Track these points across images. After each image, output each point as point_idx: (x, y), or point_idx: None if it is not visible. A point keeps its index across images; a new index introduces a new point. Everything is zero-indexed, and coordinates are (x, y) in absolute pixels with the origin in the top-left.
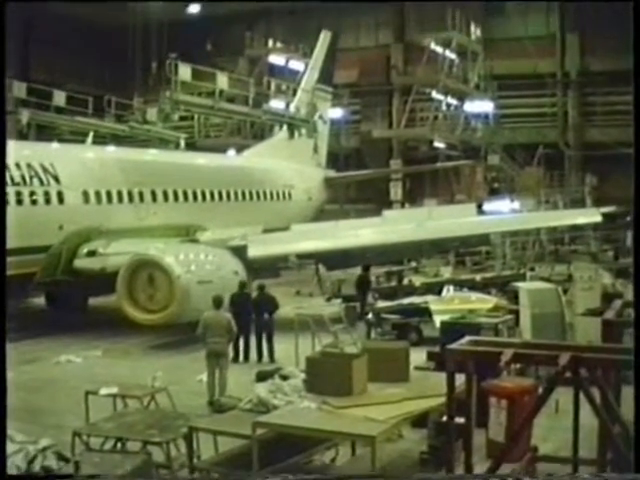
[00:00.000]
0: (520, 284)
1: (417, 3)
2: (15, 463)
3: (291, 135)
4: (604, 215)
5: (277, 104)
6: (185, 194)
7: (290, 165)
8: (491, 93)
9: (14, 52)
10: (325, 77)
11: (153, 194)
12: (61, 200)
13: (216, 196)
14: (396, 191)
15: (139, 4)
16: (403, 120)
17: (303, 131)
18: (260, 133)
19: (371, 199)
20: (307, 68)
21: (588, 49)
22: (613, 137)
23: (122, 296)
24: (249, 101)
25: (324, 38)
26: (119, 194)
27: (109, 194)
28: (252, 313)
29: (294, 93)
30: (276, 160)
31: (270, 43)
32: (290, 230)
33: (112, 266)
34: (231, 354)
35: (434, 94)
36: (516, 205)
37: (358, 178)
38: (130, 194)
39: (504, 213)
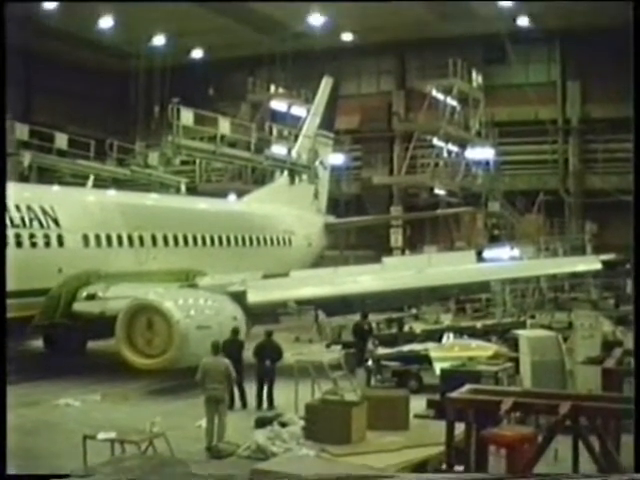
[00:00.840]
0: (520, 332)
1: (418, 51)
2: None
3: (292, 181)
4: (604, 263)
5: (279, 150)
6: (185, 239)
7: (290, 211)
8: (492, 140)
9: (17, 95)
10: (326, 123)
11: (153, 238)
12: (61, 243)
13: (216, 241)
14: (396, 238)
15: (142, 49)
16: (404, 167)
17: (304, 177)
18: (261, 178)
19: (371, 245)
20: (309, 114)
21: (589, 96)
22: (613, 184)
23: (121, 340)
24: (251, 146)
25: (326, 84)
26: (119, 238)
27: (109, 238)
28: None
29: (296, 139)
30: (277, 205)
31: (272, 88)
32: (290, 276)
33: (111, 310)
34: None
35: (435, 141)
36: (516, 252)
37: (358, 224)
38: (130, 238)
39: (504, 260)
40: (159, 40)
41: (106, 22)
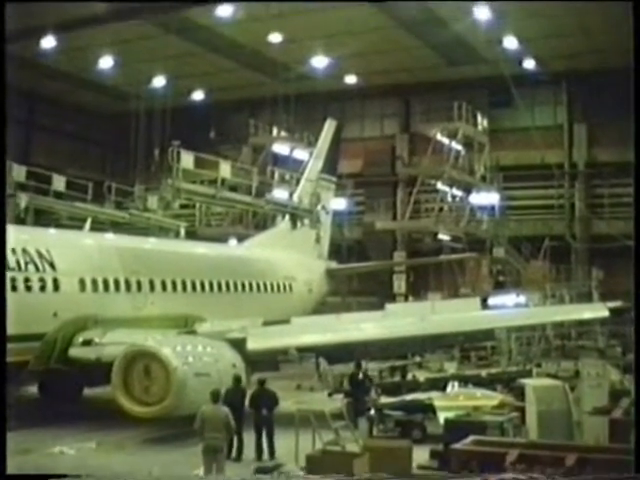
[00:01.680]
0: (526, 380)
1: (423, 94)
2: None
3: (293, 225)
4: (611, 310)
5: (280, 194)
6: (184, 284)
7: (291, 256)
8: (497, 184)
9: (15, 135)
10: (329, 167)
11: (151, 283)
12: (56, 287)
13: (215, 287)
14: (399, 284)
15: (142, 91)
16: (407, 212)
17: (306, 221)
18: (262, 223)
19: (374, 292)
20: (311, 157)
21: (596, 139)
22: (620, 230)
23: (117, 387)
24: (252, 190)
25: (329, 127)
26: (116, 282)
27: (106, 282)
28: (244, 409)
29: (297, 182)
30: (277, 250)
31: (274, 131)
32: (291, 323)
33: (107, 356)
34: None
35: (439, 185)
36: (522, 299)
37: (361, 270)
38: (128, 283)
39: (510, 307)
40: (159, 81)
41: (106, 62)
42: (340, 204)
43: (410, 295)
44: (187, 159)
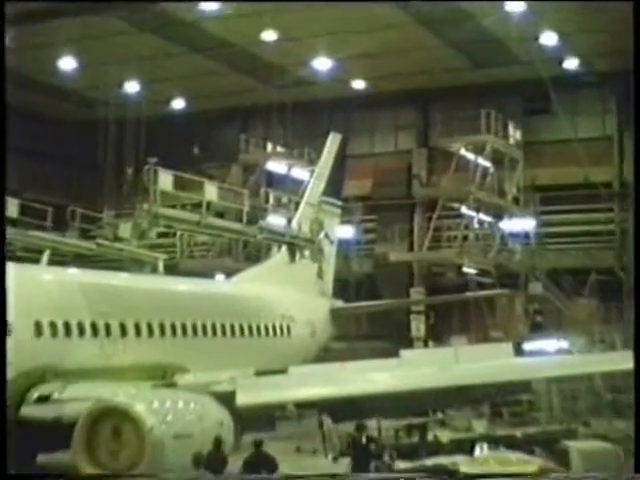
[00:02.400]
0: (571, 443)
1: (444, 102)
2: None
3: (292, 258)
4: None
5: (276, 220)
6: (162, 328)
7: (289, 293)
8: (533, 208)
9: None
10: (333, 188)
11: (122, 327)
12: (7, 331)
13: (200, 331)
14: (417, 326)
15: (111, 97)
16: (426, 241)
17: (306, 253)
18: (255, 254)
19: (387, 336)
20: (312, 177)
21: None
22: None
23: (79, 452)
24: (243, 216)
25: (332, 142)
26: (80, 326)
27: (67, 326)
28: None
29: (296, 207)
30: (273, 287)
31: (269, 147)
32: (288, 373)
33: (69, 415)
34: None
35: (464, 210)
36: (564, 344)
37: (371, 310)
38: (94, 326)
39: (549, 354)
40: (132, 86)
41: (68, 63)
42: (347, 232)
43: (430, 339)
44: (166, 179)
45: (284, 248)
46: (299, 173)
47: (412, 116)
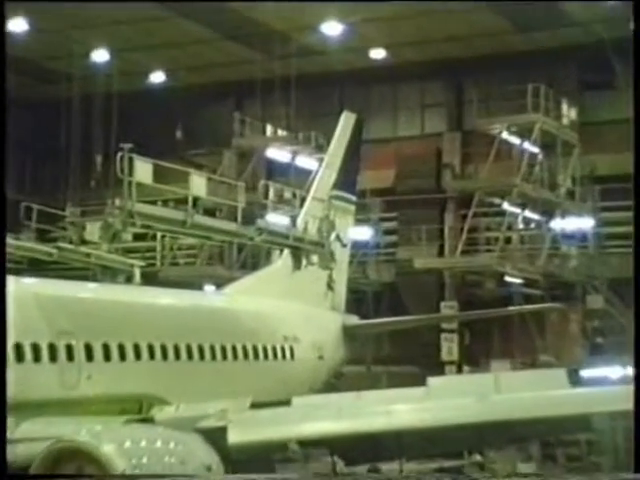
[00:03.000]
0: None
1: (482, 74)
2: None
3: (297, 264)
4: None
5: (278, 219)
6: (137, 350)
7: (293, 308)
8: (591, 203)
9: None
10: (346, 180)
11: (88, 349)
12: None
13: (184, 354)
14: (449, 347)
15: (76, 69)
16: (460, 244)
17: (314, 259)
18: (252, 261)
19: (412, 359)
20: (321, 167)
21: None
22: None
23: None
24: (237, 214)
25: (345, 123)
26: (35, 349)
27: (19, 349)
28: None
29: (302, 203)
30: (273, 300)
31: (269, 130)
32: (292, 405)
33: (22, 457)
34: None
35: (506, 206)
36: (631, 371)
37: (393, 327)
38: (53, 349)
39: (613, 384)
40: (101, 56)
41: (18, 26)
42: (363, 233)
43: (465, 364)
44: (144, 170)
45: (286, 253)
46: (305, 162)
47: (442, 92)
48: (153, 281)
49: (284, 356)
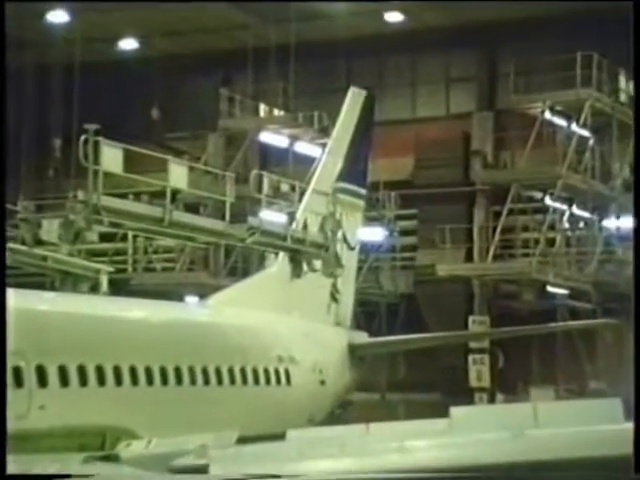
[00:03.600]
0: None
1: (518, 41)
2: None
3: (296, 271)
4: None
5: (273, 216)
6: (101, 373)
7: (290, 322)
8: None
9: None
10: (354, 170)
11: (41, 373)
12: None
13: (157, 377)
14: (479, 371)
15: (29, 32)
16: (492, 247)
17: (317, 264)
18: (242, 267)
19: (434, 385)
20: (324, 153)
21: None
22: None
23: None
24: (225, 211)
25: (353, 101)
26: None
27: None
28: None
29: (302, 197)
30: (266, 314)
31: (262, 109)
32: (286, 439)
33: None
34: None
35: (549, 201)
36: None
37: (411, 347)
38: None
39: None
40: (58, 17)
41: None
42: (375, 234)
43: (498, 391)
44: (112, 156)
45: (282, 257)
46: (307, 148)
47: (472, 63)
48: (123, 290)
49: (278, 380)
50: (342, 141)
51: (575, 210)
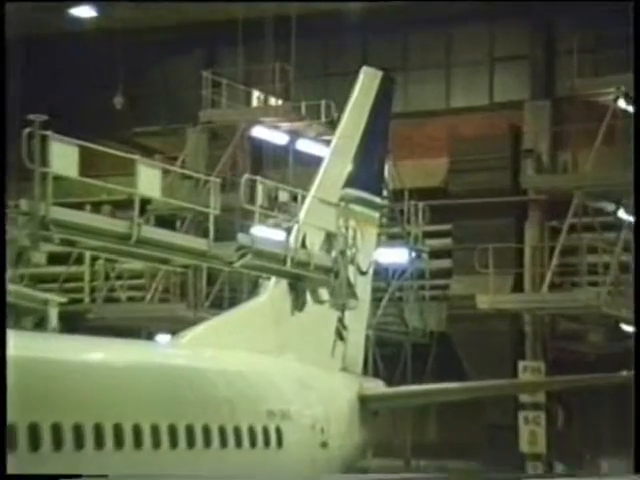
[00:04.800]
0: None
1: (580, 11)
2: None
3: (297, 301)
4: None
5: (269, 233)
6: (35, 433)
7: (283, 367)
8: None
9: None
10: (366, 173)
11: None
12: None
13: (109, 438)
14: (533, 433)
15: None
16: (549, 273)
17: (323, 294)
18: (230, 296)
19: (473, 449)
20: (329, 152)
21: None
22: None
23: None
24: (209, 226)
25: (366, 84)
26: None
27: None
28: None
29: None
30: (253, 356)
31: (255, 97)
32: None
33: None
34: None
35: (622, 214)
36: None
37: (442, 400)
38: None
39: None
40: None
41: None
42: (398, 256)
43: (557, 459)
44: (65, 155)
45: (274, 282)
46: (311, 146)
47: (523, 39)
48: (78, 326)
49: (267, 442)
50: (351, 136)
51: None
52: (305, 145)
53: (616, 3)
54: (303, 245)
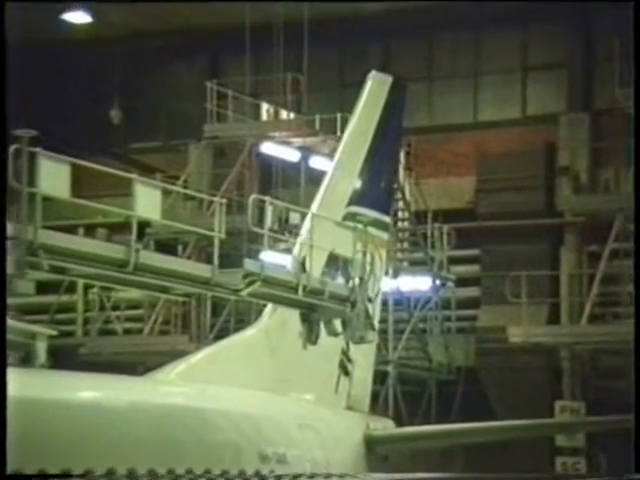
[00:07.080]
0: None
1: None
2: None
3: (311, 334)
4: None
5: (278, 258)
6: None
7: (280, 405)
8: None
9: None
10: (374, 190)
11: None
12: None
13: None
14: None
15: None
16: (588, 303)
17: (337, 325)
18: (236, 327)
19: None
20: (333, 166)
21: None
22: None
23: None
24: (213, 251)
25: (375, 90)
26: None
27: None
28: None
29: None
30: (246, 392)
31: (265, 110)
32: None
33: None
34: None
35: None
36: None
37: (468, 441)
38: None
39: None
40: None
41: None
42: (421, 283)
43: None
44: (56, 174)
45: (270, 310)
46: (325, 163)
47: (558, 44)
48: (70, 361)
49: None
50: (358, 149)
51: None
52: (318, 162)
53: None
54: (303, 269)
